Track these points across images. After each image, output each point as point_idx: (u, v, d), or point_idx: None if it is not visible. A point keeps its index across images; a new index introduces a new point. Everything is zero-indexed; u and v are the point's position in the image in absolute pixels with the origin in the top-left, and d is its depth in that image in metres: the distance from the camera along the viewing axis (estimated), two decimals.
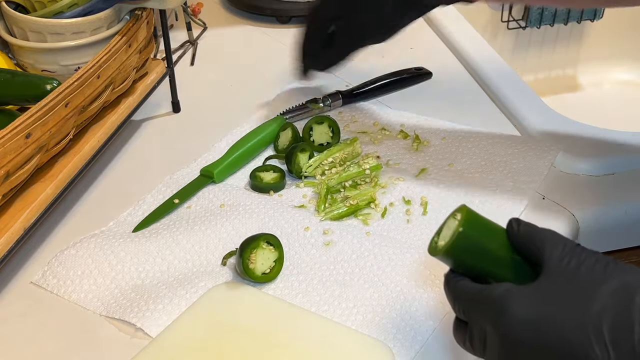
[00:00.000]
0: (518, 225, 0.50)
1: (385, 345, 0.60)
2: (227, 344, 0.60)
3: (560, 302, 0.44)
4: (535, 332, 0.44)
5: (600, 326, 0.42)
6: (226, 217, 0.73)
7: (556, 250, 0.47)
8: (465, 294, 0.49)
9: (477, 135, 0.84)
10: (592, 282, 0.44)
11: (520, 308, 0.45)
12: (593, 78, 1.39)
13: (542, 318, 0.44)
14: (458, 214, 0.50)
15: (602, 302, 0.43)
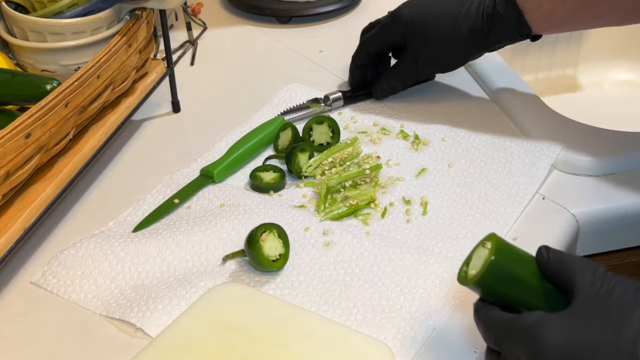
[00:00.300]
0: (547, 253, 0.50)
1: (385, 345, 0.60)
2: (227, 344, 0.60)
3: (594, 329, 0.44)
4: (569, 351, 0.44)
5: (636, 351, 0.42)
6: (226, 217, 0.73)
7: (587, 276, 0.47)
8: (497, 324, 0.49)
9: (477, 135, 0.84)
10: (624, 308, 0.44)
11: (554, 335, 0.45)
12: (593, 78, 1.39)
13: (576, 345, 0.44)
14: (488, 242, 0.51)
15: (636, 328, 0.43)
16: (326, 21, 1.12)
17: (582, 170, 0.79)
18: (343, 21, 1.13)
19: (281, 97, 0.93)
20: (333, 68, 1.00)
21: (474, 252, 0.52)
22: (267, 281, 0.67)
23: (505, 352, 0.49)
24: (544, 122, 0.85)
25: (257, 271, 0.68)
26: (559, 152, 0.80)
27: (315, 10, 1.11)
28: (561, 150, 0.80)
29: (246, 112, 0.90)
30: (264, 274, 0.68)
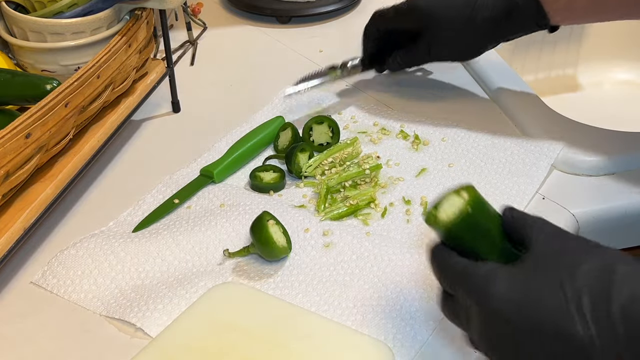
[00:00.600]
0: (511, 212, 0.52)
1: (385, 345, 0.60)
2: (227, 344, 0.60)
3: (543, 281, 0.45)
4: (518, 309, 0.45)
5: (581, 304, 0.43)
6: (226, 218, 0.73)
7: (543, 234, 0.49)
8: (454, 270, 0.50)
9: (477, 135, 0.84)
10: (573, 262, 0.45)
11: (504, 286, 0.46)
12: (593, 78, 1.39)
13: (525, 296, 0.45)
14: (465, 193, 0.52)
15: (582, 281, 0.44)
16: (326, 21, 1.12)
17: (582, 170, 0.79)
18: (343, 21, 1.13)
19: (281, 97, 0.93)
20: None
21: (446, 198, 0.52)
22: (267, 281, 0.67)
23: (458, 296, 0.50)
24: (544, 122, 0.85)
25: (256, 271, 0.68)
26: (559, 152, 0.80)
27: (315, 10, 1.11)
28: (561, 150, 0.80)
29: (246, 112, 0.90)
30: (263, 274, 0.68)
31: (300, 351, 0.59)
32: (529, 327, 0.45)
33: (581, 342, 0.43)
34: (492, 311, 0.47)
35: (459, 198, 0.52)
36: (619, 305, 0.43)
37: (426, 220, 0.53)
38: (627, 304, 0.43)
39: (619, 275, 0.44)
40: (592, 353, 0.43)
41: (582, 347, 0.43)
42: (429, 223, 0.52)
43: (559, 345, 0.44)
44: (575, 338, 0.43)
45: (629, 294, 0.43)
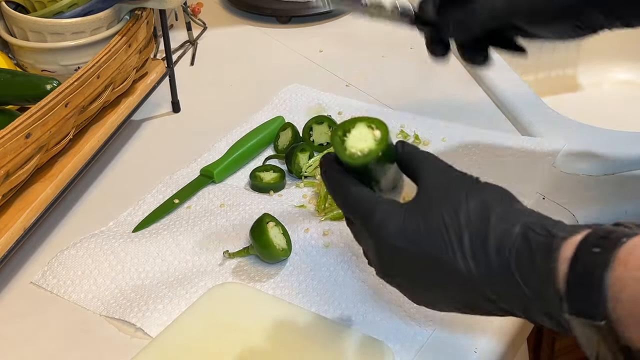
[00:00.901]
0: (402, 147, 0.54)
1: (385, 345, 0.60)
2: (227, 344, 0.60)
3: (429, 220, 0.50)
4: (408, 246, 0.50)
5: (462, 241, 0.48)
6: (226, 218, 0.73)
7: (429, 170, 0.53)
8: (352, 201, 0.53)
9: (477, 135, 0.84)
10: (456, 201, 0.50)
11: (396, 225, 0.51)
12: (593, 78, 1.39)
13: (414, 235, 0.50)
14: (377, 131, 0.53)
15: (463, 219, 0.49)
16: (326, 21, 1.12)
17: (582, 170, 0.79)
18: (343, 21, 1.13)
19: (281, 97, 0.93)
20: (333, 68, 1.00)
21: (356, 125, 0.53)
22: (267, 281, 0.67)
23: (352, 219, 0.54)
24: (544, 122, 0.85)
25: (257, 271, 0.68)
26: (559, 152, 0.80)
27: (315, 10, 1.11)
28: (561, 150, 0.80)
29: (246, 112, 0.90)
30: (263, 274, 0.68)
31: (300, 351, 0.59)
32: (417, 260, 0.50)
33: (462, 274, 0.48)
34: (386, 246, 0.51)
35: (370, 131, 0.53)
36: (494, 242, 0.47)
37: (333, 142, 0.53)
38: (500, 241, 0.47)
39: (493, 215, 0.48)
40: (472, 282, 0.48)
41: (464, 278, 0.48)
42: (336, 149, 0.53)
43: (445, 273, 0.49)
44: (458, 271, 0.48)
45: (501, 231, 0.47)
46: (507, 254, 0.47)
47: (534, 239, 0.46)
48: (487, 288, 0.48)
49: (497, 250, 0.47)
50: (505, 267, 0.47)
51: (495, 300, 0.49)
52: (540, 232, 0.46)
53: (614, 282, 0.42)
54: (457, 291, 0.50)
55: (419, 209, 0.51)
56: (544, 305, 0.46)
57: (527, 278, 0.46)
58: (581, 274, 0.43)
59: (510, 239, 0.47)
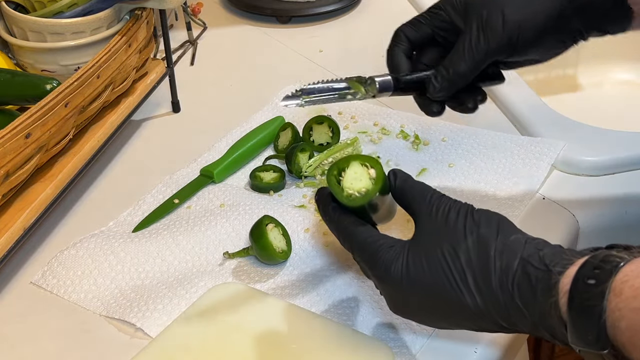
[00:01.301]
0: (395, 180, 0.56)
1: (385, 345, 0.60)
2: (227, 344, 0.60)
3: (432, 260, 0.52)
4: (414, 285, 0.52)
5: (466, 279, 0.50)
6: (226, 218, 0.73)
7: (423, 204, 0.54)
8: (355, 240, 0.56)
9: (477, 135, 0.84)
10: (454, 239, 0.51)
11: (400, 270, 0.52)
12: (593, 78, 1.39)
13: (419, 275, 0.52)
14: (372, 169, 0.55)
15: (464, 259, 0.51)
16: (326, 21, 1.12)
17: (582, 170, 0.79)
18: (343, 21, 1.13)
19: (281, 97, 0.93)
20: (333, 68, 1.00)
21: (350, 164, 0.55)
22: (267, 281, 0.67)
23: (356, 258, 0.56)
24: (544, 122, 0.85)
25: (257, 271, 0.68)
26: (559, 152, 0.80)
27: (315, 10, 1.11)
28: (561, 150, 0.80)
29: (246, 112, 0.90)
30: (263, 274, 0.68)
31: (300, 351, 0.59)
32: (425, 298, 0.52)
33: (470, 308, 0.50)
34: (393, 288, 0.53)
35: (364, 170, 0.55)
36: (496, 278, 0.49)
37: (327, 180, 0.55)
38: (501, 276, 0.49)
39: (492, 251, 0.50)
40: (480, 314, 0.50)
41: (472, 311, 0.51)
42: (329, 184, 0.55)
43: (454, 309, 0.51)
44: (466, 306, 0.51)
45: (501, 268, 0.49)
46: (510, 288, 0.49)
47: (533, 273, 0.48)
48: (496, 317, 0.50)
49: (500, 286, 0.49)
50: (510, 300, 0.49)
51: (505, 326, 0.51)
52: (538, 267, 0.48)
53: (612, 312, 0.44)
54: (467, 320, 0.52)
55: (420, 249, 0.53)
56: (550, 332, 0.48)
57: (532, 310, 0.48)
58: (579, 309, 0.45)
59: (510, 274, 0.49)
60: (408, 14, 1.12)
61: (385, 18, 0.88)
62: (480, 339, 0.61)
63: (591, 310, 0.45)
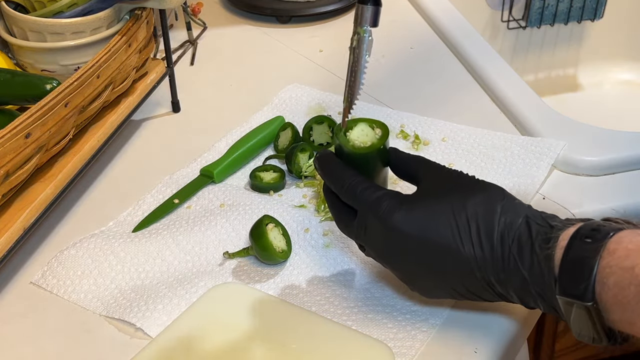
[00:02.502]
0: (396, 154, 0.60)
1: (385, 345, 0.60)
2: (227, 344, 0.60)
3: (438, 210, 0.54)
4: (417, 231, 0.54)
5: (469, 229, 0.53)
6: (226, 218, 0.73)
7: (431, 170, 0.58)
8: (357, 191, 0.57)
9: (477, 135, 0.84)
10: (463, 195, 0.54)
11: (404, 213, 0.55)
12: (593, 78, 1.39)
13: (424, 222, 0.54)
14: (378, 129, 0.60)
15: (471, 211, 0.53)
16: (326, 21, 1.12)
17: (582, 170, 0.79)
18: (343, 21, 1.13)
19: (281, 97, 0.93)
20: (333, 68, 1.00)
21: (358, 123, 0.60)
22: (267, 281, 0.67)
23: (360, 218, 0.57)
24: (544, 122, 0.85)
25: (257, 271, 0.68)
26: (560, 152, 0.80)
27: (315, 10, 1.11)
28: (561, 150, 0.80)
29: (246, 112, 0.90)
30: (263, 274, 0.68)
31: (300, 351, 0.59)
32: (426, 244, 0.54)
33: (466, 260, 0.53)
34: (393, 231, 0.55)
35: (371, 130, 0.59)
36: (498, 232, 0.52)
37: (339, 137, 0.59)
38: (504, 231, 0.52)
39: (499, 207, 0.53)
40: (474, 266, 0.53)
41: (468, 262, 0.53)
42: (341, 141, 0.58)
43: (450, 259, 0.54)
44: (462, 255, 0.53)
45: (505, 222, 0.53)
46: (510, 242, 0.52)
47: (535, 228, 0.51)
48: (488, 273, 0.53)
49: (501, 238, 0.52)
50: (508, 253, 0.52)
51: (494, 284, 0.53)
52: (541, 223, 0.52)
53: (602, 269, 0.47)
54: (457, 276, 0.54)
55: (427, 199, 0.55)
56: (539, 288, 0.51)
57: (527, 262, 0.51)
58: (573, 260, 0.48)
59: (513, 229, 0.52)
60: (408, 13, 1.12)
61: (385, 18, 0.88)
62: (480, 339, 0.61)
63: (584, 263, 0.47)
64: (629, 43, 1.38)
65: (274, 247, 0.67)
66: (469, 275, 0.54)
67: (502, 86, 0.92)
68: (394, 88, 0.95)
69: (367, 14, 0.58)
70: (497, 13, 1.30)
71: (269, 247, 0.67)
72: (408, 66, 1.00)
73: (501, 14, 1.29)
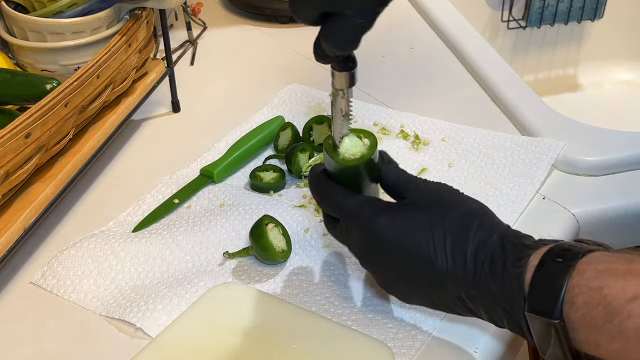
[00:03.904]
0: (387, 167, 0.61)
1: (385, 345, 0.60)
2: (227, 344, 0.60)
3: (418, 221, 0.55)
4: (393, 237, 0.56)
5: (444, 243, 0.54)
6: (226, 218, 0.73)
7: (417, 186, 0.59)
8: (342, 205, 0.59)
9: (477, 135, 0.84)
10: (443, 209, 0.56)
11: (386, 220, 0.56)
12: (593, 78, 1.39)
13: (403, 229, 0.56)
14: (366, 140, 0.59)
15: (448, 225, 0.54)
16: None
17: (582, 170, 0.79)
18: None
19: (281, 97, 0.93)
20: None
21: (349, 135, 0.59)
22: (267, 281, 0.67)
23: (343, 221, 0.59)
24: (544, 122, 0.85)
25: (257, 271, 0.68)
26: (559, 152, 0.80)
27: None
28: (561, 150, 0.80)
29: (246, 112, 0.90)
30: (263, 274, 0.68)
31: (300, 351, 0.59)
32: (402, 252, 0.55)
33: (439, 272, 0.54)
34: (373, 236, 0.56)
35: (360, 142, 0.59)
36: (472, 248, 0.53)
37: (324, 147, 0.59)
38: (477, 247, 0.53)
39: (475, 224, 0.54)
40: (447, 280, 0.54)
41: (439, 276, 0.54)
42: (329, 153, 0.59)
43: (423, 269, 0.55)
44: (435, 268, 0.54)
45: (479, 239, 0.53)
46: (483, 258, 0.53)
47: (508, 247, 0.52)
48: (459, 288, 0.54)
49: (474, 254, 0.53)
50: (480, 269, 0.53)
51: (464, 299, 0.54)
52: (515, 242, 0.53)
53: (572, 288, 0.48)
54: (429, 287, 0.56)
55: (408, 209, 0.57)
56: (508, 305, 0.51)
57: (498, 279, 0.52)
58: (543, 278, 0.49)
59: (487, 246, 0.53)
60: (408, 13, 1.12)
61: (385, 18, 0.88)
62: (480, 338, 0.61)
63: (554, 281, 0.49)
64: (629, 43, 1.38)
65: (274, 247, 0.67)
66: (441, 288, 0.55)
67: (502, 86, 0.92)
68: (394, 88, 0.95)
69: (341, 79, 0.58)
70: (497, 13, 1.30)
71: (269, 247, 0.67)
72: (408, 66, 1.00)
73: (501, 14, 1.29)
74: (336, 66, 0.57)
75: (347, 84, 0.58)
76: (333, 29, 0.53)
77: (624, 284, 0.46)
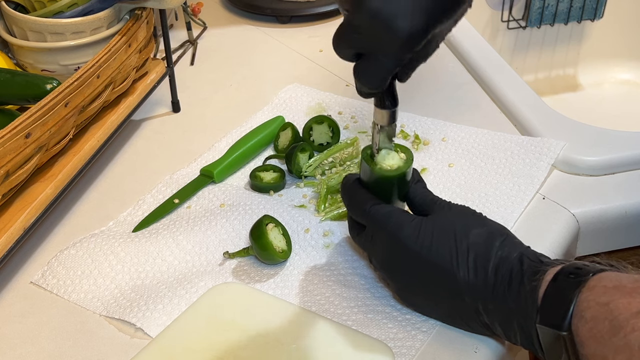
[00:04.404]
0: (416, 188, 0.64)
1: (385, 345, 0.60)
2: (227, 344, 0.60)
3: (443, 234, 0.58)
4: (419, 248, 0.58)
5: (467, 256, 0.57)
6: (226, 218, 0.73)
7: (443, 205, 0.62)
8: (370, 212, 0.61)
9: (477, 135, 0.84)
10: (467, 226, 0.59)
11: (411, 230, 0.59)
12: (593, 78, 1.39)
13: (428, 240, 0.58)
14: (403, 154, 0.62)
15: (471, 240, 0.57)
16: (326, 21, 1.12)
17: (582, 170, 0.79)
18: None
19: (281, 97, 0.93)
20: (333, 68, 1.00)
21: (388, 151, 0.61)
22: (267, 281, 0.67)
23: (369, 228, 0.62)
24: (544, 122, 0.85)
25: (256, 271, 0.68)
26: (559, 152, 0.80)
27: (315, 10, 1.11)
28: (561, 150, 0.80)
29: (246, 112, 0.90)
30: (263, 274, 0.68)
31: (300, 351, 0.59)
32: (426, 262, 0.58)
33: (460, 284, 0.57)
34: (398, 245, 0.59)
35: (397, 155, 0.62)
36: (494, 263, 0.56)
37: (362, 155, 0.62)
38: (499, 263, 0.56)
39: (498, 242, 0.57)
40: (466, 292, 0.57)
41: (460, 286, 0.57)
42: (367, 163, 0.61)
43: (444, 281, 0.57)
44: (456, 278, 0.57)
45: (501, 256, 0.57)
46: (503, 273, 0.56)
47: (527, 263, 0.56)
48: (477, 300, 0.56)
49: (496, 269, 0.56)
50: (499, 283, 0.55)
51: (480, 313, 0.57)
52: (533, 259, 0.56)
53: (581, 302, 0.50)
54: (448, 299, 0.58)
55: (435, 223, 0.59)
56: (522, 319, 0.54)
57: (514, 293, 0.54)
58: (555, 292, 0.52)
59: (508, 262, 0.56)
60: None
61: None
62: (480, 338, 0.61)
63: (565, 294, 0.51)
64: (629, 43, 1.38)
65: (274, 247, 0.67)
66: (460, 299, 0.57)
67: (502, 86, 0.92)
68: None
69: (377, 115, 0.61)
70: (497, 13, 1.30)
71: (269, 247, 0.67)
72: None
73: (501, 14, 1.29)
74: (375, 102, 0.61)
75: (383, 120, 0.61)
76: (362, 68, 0.58)
77: (630, 299, 0.48)
